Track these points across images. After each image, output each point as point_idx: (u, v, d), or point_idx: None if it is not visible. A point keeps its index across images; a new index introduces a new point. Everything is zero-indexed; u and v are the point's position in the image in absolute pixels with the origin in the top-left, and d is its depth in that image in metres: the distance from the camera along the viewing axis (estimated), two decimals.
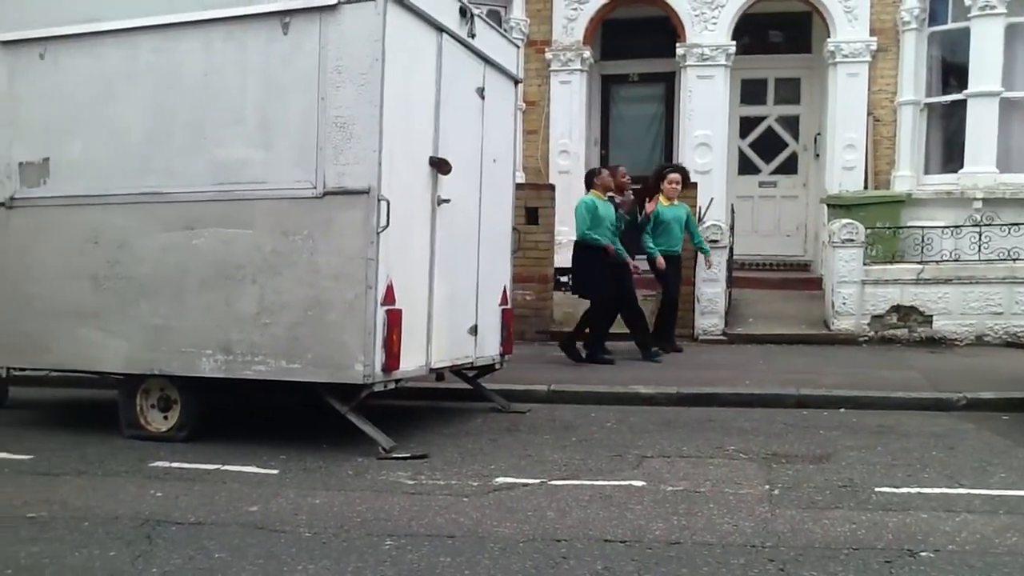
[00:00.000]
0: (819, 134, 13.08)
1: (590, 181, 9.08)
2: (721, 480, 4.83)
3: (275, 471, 5.13)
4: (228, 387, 5.86)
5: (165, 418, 5.98)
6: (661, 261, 9.25)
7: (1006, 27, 11.35)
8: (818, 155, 13.11)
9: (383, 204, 5.36)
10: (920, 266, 10.18)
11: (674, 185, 9.52)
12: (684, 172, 9.90)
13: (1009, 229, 10.40)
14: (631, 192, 9.55)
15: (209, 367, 5.68)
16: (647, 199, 9.47)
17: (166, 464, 5.29)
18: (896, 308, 10.06)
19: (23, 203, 6.32)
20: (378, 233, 5.35)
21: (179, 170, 5.85)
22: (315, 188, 5.48)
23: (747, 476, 4.93)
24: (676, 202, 9.62)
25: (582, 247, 8.75)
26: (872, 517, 4.14)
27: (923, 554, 3.63)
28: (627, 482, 4.80)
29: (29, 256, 6.27)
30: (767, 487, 4.70)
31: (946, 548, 3.70)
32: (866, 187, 12.02)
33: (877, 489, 4.61)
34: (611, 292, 8.80)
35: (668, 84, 13.73)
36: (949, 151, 11.96)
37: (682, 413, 6.78)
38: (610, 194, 9.00)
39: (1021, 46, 11.58)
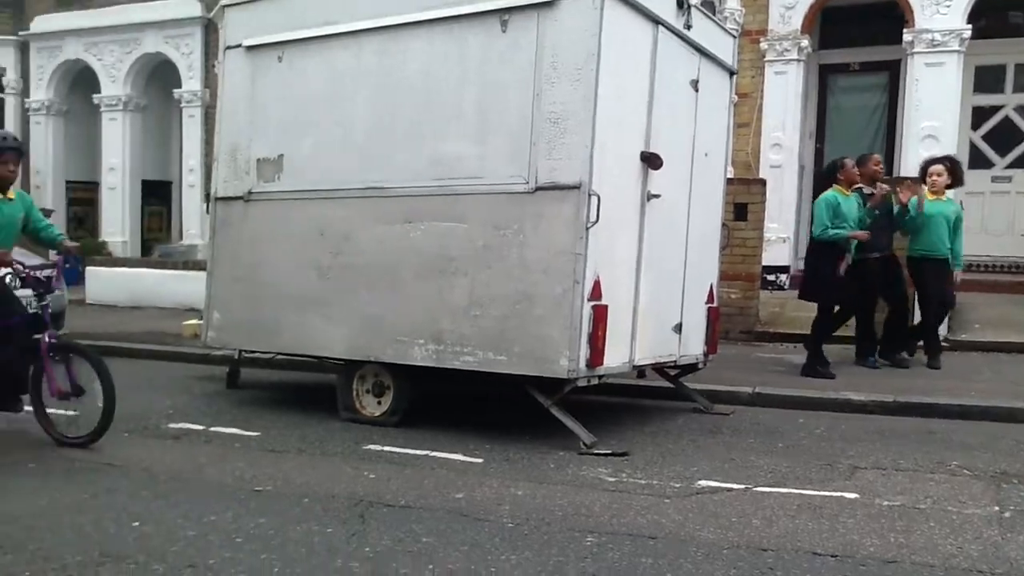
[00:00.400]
0: None
1: (832, 175, 8.13)
2: (943, 497, 4.54)
3: (479, 460, 5.27)
4: (434, 375, 6.06)
5: (379, 403, 6.27)
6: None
7: None
8: None
9: (593, 199, 5.37)
10: None
11: (935, 177, 8.39)
12: (952, 163, 8.61)
13: None
14: (885, 184, 8.41)
15: (421, 356, 5.89)
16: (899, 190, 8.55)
17: (379, 447, 5.55)
18: None
19: (259, 197, 6.80)
20: (587, 228, 5.36)
21: (399, 165, 6.09)
22: (527, 183, 5.56)
23: (972, 495, 4.59)
24: (945, 197, 8.47)
25: (820, 246, 7.99)
26: None
27: None
28: (838, 493, 4.60)
29: (263, 246, 6.75)
30: (996, 508, 4.36)
31: None
32: None
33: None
34: (843, 298, 8.07)
35: (892, 73, 12.95)
36: None
37: (898, 423, 6.39)
38: (857, 186, 8.14)
39: None
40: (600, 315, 5.49)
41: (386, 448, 5.53)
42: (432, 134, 5.97)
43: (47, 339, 5.43)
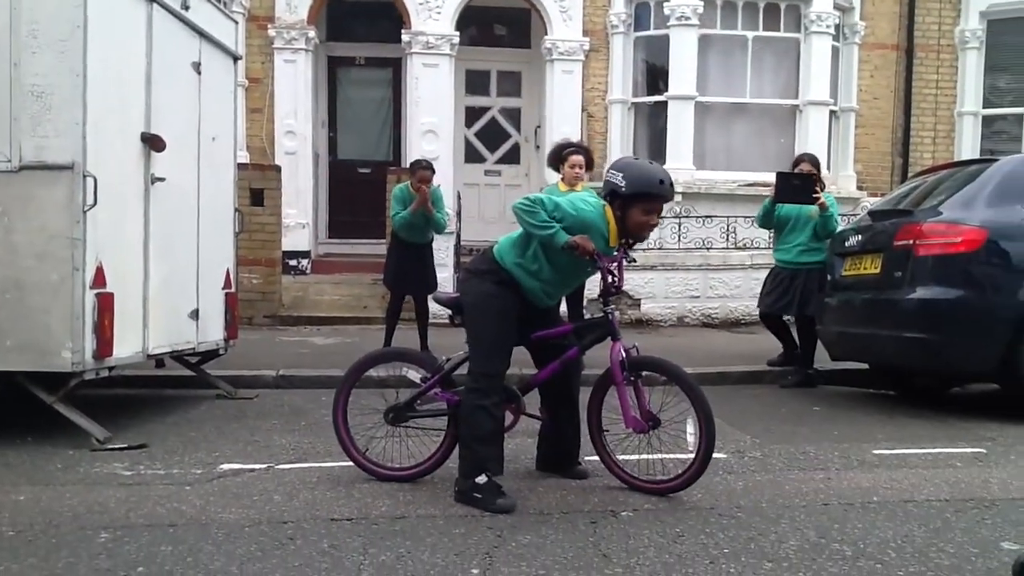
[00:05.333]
0: (539, 127, 13.70)
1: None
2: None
3: None
4: None
5: None
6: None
7: (700, 37, 12.46)
8: (538, 147, 13.73)
9: (89, 181, 5.10)
10: None
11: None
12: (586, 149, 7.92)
13: (703, 221, 11.51)
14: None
15: None
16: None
17: None
18: None
19: None
20: (84, 212, 5.09)
21: None
22: (9, 161, 5.10)
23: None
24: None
25: None
26: (581, 484, 4.50)
27: (624, 514, 4.00)
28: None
29: None
30: None
31: (643, 508, 4.10)
32: None
33: (587, 458, 4.90)
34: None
35: (396, 70, 13.82)
36: (655, 148, 12.80)
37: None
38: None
39: (712, 55, 12.77)
40: (105, 303, 5.23)
41: None
42: None
43: (620, 352, 4.29)
